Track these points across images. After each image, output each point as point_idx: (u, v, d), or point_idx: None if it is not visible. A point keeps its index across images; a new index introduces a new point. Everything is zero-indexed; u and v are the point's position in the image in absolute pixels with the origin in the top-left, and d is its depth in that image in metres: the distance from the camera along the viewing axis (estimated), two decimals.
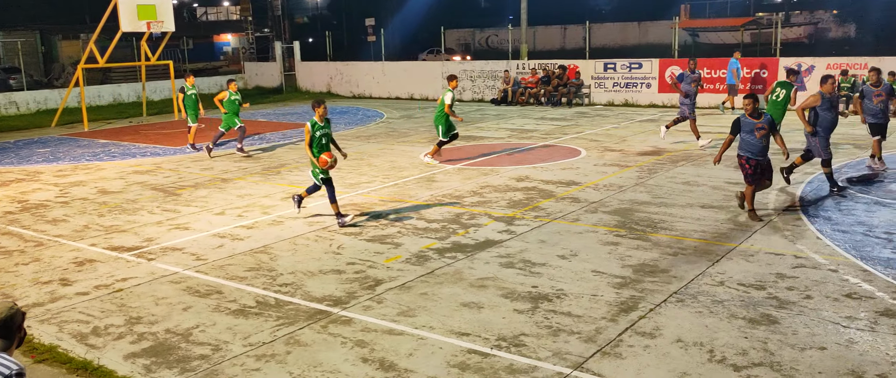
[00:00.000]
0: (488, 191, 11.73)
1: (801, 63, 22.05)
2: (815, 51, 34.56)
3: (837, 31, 52.11)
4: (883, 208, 9.90)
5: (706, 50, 43.09)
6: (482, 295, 7.16)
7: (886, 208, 9.90)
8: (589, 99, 25.27)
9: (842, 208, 9.98)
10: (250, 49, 40.58)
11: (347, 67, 32.16)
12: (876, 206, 10.09)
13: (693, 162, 13.72)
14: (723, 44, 47.29)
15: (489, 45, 59.14)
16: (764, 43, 38.16)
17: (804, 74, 21.86)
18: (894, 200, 10.36)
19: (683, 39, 42.20)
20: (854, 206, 10.08)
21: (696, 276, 7.49)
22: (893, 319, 6.25)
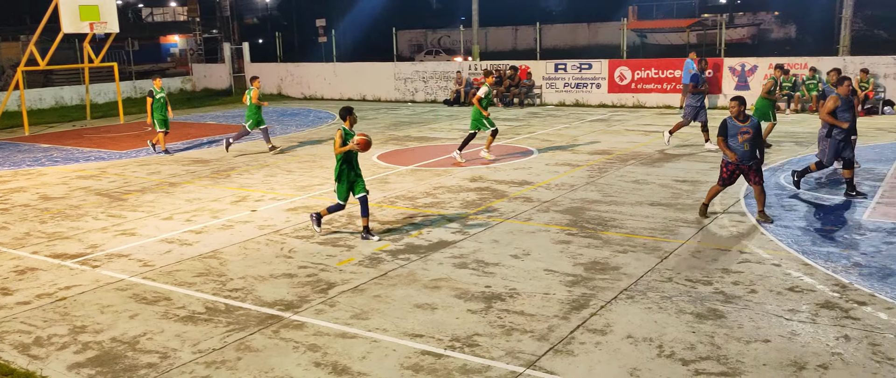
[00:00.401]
0: (442, 191, 11.75)
1: (744, 63, 22.62)
2: (758, 51, 35.51)
3: (779, 32, 53.67)
4: (823, 203, 10.22)
5: (654, 51, 43.88)
6: (436, 296, 7.17)
7: (827, 204, 10.21)
8: (540, 99, 25.51)
9: (784, 204, 10.27)
10: (198, 50, 39.88)
11: (298, 68, 31.85)
12: (817, 202, 10.41)
13: (642, 161, 13.96)
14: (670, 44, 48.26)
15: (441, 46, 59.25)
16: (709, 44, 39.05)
17: (748, 74, 22.44)
18: (834, 196, 10.70)
19: (632, 40, 42.92)
20: (796, 202, 10.38)
21: (646, 272, 7.62)
22: (833, 311, 6.45)
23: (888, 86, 20.25)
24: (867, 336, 5.93)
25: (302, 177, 13.41)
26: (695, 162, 13.67)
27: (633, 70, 24.01)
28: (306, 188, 12.39)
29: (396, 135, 18.80)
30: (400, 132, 19.23)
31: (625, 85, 24.08)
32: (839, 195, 10.70)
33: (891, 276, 7.25)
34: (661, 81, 23.52)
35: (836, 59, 21.38)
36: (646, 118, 20.83)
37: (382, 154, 15.76)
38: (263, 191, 12.33)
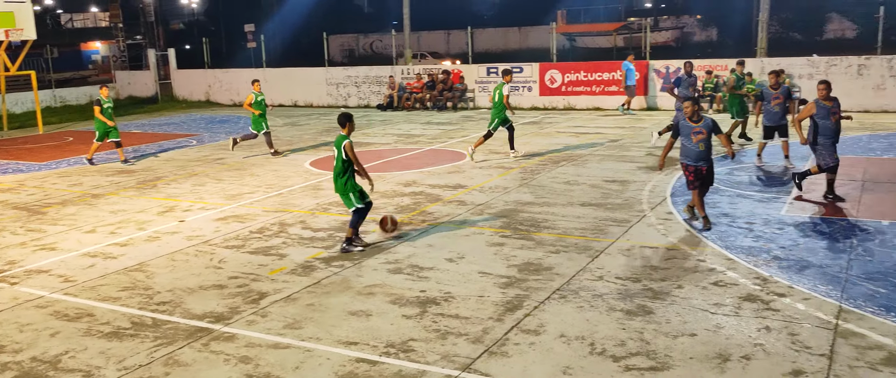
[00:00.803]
0: (375, 197, 11.65)
1: (668, 65, 23.29)
2: (681, 54, 36.60)
3: (701, 35, 55.47)
4: (744, 200, 10.60)
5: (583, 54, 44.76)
6: (370, 302, 7.12)
7: (747, 200, 10.60)
8: (473, 103, 25.68)
9: (707, 201, 10.59)
10: (122, 57, 38.65)
11: (227, 75, 31.22)
12: (738, 198, 10.78)
13: (573, 162, 14.20)
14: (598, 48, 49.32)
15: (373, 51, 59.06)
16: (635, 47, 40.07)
17: (672, 76, 23.10)
18: (754, 193, 11.11)
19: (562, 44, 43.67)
20: (719, 199, 10.73)
21: (578, 272, 7.75)
22: (755, 304, 6.69)
23: (802, 85, 21.17)
24: (787, 326, 6.18)
25: (231, 185, 13.14)
26: (623, 162, 13.99)
27: (563, 73, 24.42)
28: (236, 197, 12.15)
29: (329, 140, 18.61)
30: (333, 138, 19.04)
31: (555, 88, 24.46)
32: (761, 192, 11.10)
33: (808, 269, 7.57)
34: (591, 84, 23.99)
35: (755, 61, 22.22)
36: (576, 120, 21.20)
37: (315, 160, 15.59)
38: (192, 200, 12.02)
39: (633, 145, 16.04)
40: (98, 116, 15.81)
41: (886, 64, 20.46)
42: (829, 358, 5.58)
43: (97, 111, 15.91)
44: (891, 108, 19.99)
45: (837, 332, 6.01)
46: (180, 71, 32.63)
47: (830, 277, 7.28)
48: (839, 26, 51.01)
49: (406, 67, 27.49)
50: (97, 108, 15.95)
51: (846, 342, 5.83)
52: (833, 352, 5.68)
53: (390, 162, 15.09)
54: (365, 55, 58.36)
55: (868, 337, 5.90)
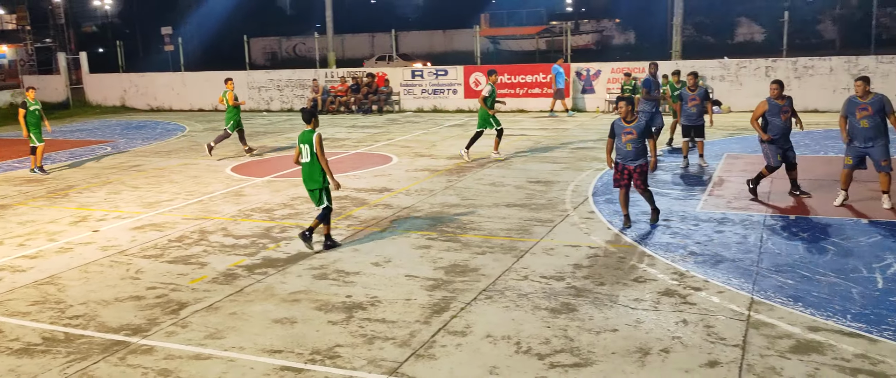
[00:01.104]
0: (299, 202, 11.52)
1: (589, 68, 23.83)
2: (601, 56, 37.55)
3: (620, 38, 57.09)
4: (660, 197, 10.92)
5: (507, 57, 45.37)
6: (295, 309, 7.01)
7: (663, 197, 10.93)
8: (399, 106, 25.65)
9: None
10: (30, 61, 36.90)
11: (143, 79, 30.22)
12: (656, 196, 11.08)
13: (498, 164, 14.35)
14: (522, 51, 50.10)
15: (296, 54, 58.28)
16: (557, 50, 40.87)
17: (593, 78, 23.66)
18: (671, 190, 11.47)
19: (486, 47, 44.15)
20: (638, 197, 11.01)
21: (503, 272, 7.83)
22: (673, 298, 6.91)
23: (715, 87, 22.02)
24: (703, 319, 6.40)
25: (149, 192, 12.72)
26: (547, 163, 14.23)
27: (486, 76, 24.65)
28: (154, 205, 11.76)
29: (251, 145, 18.23)
30: (255, 142, 18.68)
31: (479, 90, 24.66)
32: (678, 190, 11.48)
33: (721, 263, 7.87)
34: (515, 86, 24.31)
35: (671, 63, 22.98)
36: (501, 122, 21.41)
37: (237, 166, 15.25)
38: (106, 209, 11.57)
39: (556, 146, 16.33)
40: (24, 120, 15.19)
41: (792, 65, 21.50)
42: (742, 348, 5.81)
43: (21, 115, 15.24)
44: (797, 107, 20.99)
45: (749, 323, 6.27)
46: (93, 75, 31.39)
47: (743, 271, 7.59)
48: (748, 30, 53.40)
49: (330, 70, 27.23)
50: (22, 111, 15.28)
51: (758, 332, 6.08)
52: (746, 342, 5.91)
53: None
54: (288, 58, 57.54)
55: (778, 326, 6.18)
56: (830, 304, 6.61)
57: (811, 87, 21.06)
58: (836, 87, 20.69)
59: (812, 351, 5.70)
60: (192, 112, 28.42)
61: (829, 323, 6.19)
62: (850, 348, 5.72)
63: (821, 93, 20.94)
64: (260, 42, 59.30)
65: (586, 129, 19.39)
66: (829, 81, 20.87)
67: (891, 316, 6.28)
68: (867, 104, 9.60)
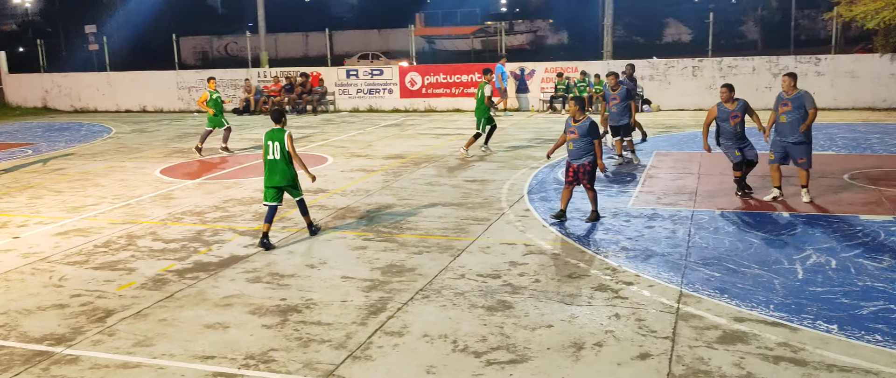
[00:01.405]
0: (232, 204, 11.29)
1: (523, 67, 24.11)
2: (535, 56, 38.02)
3: (554, 38, 57.97)
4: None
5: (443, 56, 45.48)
6: (228, 314, 6.86)
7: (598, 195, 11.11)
8: (334, 106, 25.43)
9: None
10: None
11: (66, 79, 29.11)
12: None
13: (434, 163, 14.38)
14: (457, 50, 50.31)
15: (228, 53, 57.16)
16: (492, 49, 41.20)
17: (527, 77, 23.94)
18: (604, 188, 11.68)
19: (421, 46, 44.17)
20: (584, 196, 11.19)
21: (440, 271, 7.85)
22: (606, 293, 7.05)
23: (645, 86, 22.57)
24: (634, 312, 6.55)
25: (73, 197, 12.26)
26: (483, 162, 14.33)
27: (423, 75, 24.68)
28: (78, 209, 11.34)
29: (181, 147, 17.81)
30: (185, 144, 18.24)
31: (416, 90, 24.69)
32: (610, 187, 11.70)
33: (652, 257, 8.07)
34: (451, 86, 24.40)
35: (602, 63, 23.46)
36: (437, 122, 21.50)
37: (166, 168, 14.84)
38: (27, 215, 11.10)
39: (492, 145, 16.45)
40: (206, 110, 15.63)
41: (717, 65, 22.23)
42: (671, 340, 5.97)
43: (202, 104, 15.71)
44: None
45: (679, 316, 6.44)
46: (13, 75, 30.06)
47: (672, 264, 7.80)
48: (676, 31, 54.98)
49: (263, 70, 26.78)
50: (203, 97, 15.46)
51: (687, 324, 6.26)
52: (675, 334, 6.08)
53: (248, 167, 14.64)
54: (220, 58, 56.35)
55: (705, 318, 6.37)
56: (754, 295, 6.85)
57: (736, 86, 21.76)
58: (759, 85, 21.48)
59: (738, 341, 5.90)
60: (118, 113, 27.55)
61: (754, 313, 6.42)
62: (773, 337, 5.94)
63: (744, 92, 21.58)
64: (190, 41, 57.88)
65: (522, 127, 19.61)
66: (752, 80, 21.66)
67: (810, 305, 6.56)
68: (789, 100, 10.01)
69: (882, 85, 20.66)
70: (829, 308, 6.47)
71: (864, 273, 7.31)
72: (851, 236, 8.56)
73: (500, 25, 32.40)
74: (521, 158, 14.58)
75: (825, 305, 6.53)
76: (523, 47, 52.35)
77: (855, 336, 5.90)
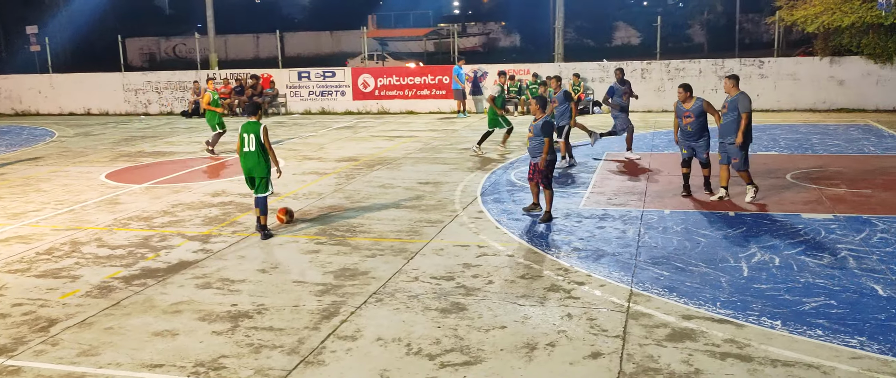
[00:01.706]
0: (181, 209, 11.08)
1: (476, 69, 24.22)
2: (488, 58, 38.24)
3: (506, 41, 58.34)
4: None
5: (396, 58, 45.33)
6: (177, 321, 6.72)
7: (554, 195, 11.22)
8: (285, 108, 25.16)
9: (515, 199, 11.15)
10: None
11: (6, 81, 28.20)
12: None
13: (388, 165, 14.33)
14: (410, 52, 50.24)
15: (177, 55, 56.06)
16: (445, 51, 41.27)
17: (480, 80, 24.05)
18: (556, 189, 11.78)
19: (374, 48, 44.00)
20: (525, 196, 11.30)
21: (394, 274, 7.82)
22: (558, 294, 7.12)
23: (596, 88, 22.90)
24: (586, 312, 6.63)
25: (13, 203, 11.87)
26: (437, 164, 14.34)
27: (375, 77, 24.60)
28: (19, 216, 10.98)
29: (128, 151, 17.40)
30: (132, 148, 17.84)
31: (368, 92, 24.59)
32: (561, 188, 11.82)
33: (603, 257, 8.18)
34: (403, 88, 24.36)
35: (553, 65, 23.72)
36: (390, 124, 21.44)
37: (111, 172, 14.48)
38: None
39: (445, 147, 16.48)
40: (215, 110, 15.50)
41: (665, 68, 22.67)
42: (622, 338, 6.06)
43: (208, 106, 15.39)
44: (670, 107, 22.16)
45: (629, 315, 6.55)
46: None
47: (622, 264, 7.92)
48: (626, 34, 55.86)
49: (212, 72, 26.34)
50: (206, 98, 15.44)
51: (637, 323, 6.37)
52: (626, 332, 6.18)
53: (196, 171, 14.38)
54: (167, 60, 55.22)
55: (654, 316, 6.49)
56: (702, 293, 7.00)
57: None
58: (705, 87, 21.97)
59: (686, 338, 6.02)
60: (62, 116, 26.79)
61: (701, 311, 6.57)
62: (720, 334, 6.08)
63: None
64: (137, 42, 56.59)
65: (475, 130, 19.68)
66: (699, 82, 22.13)
67: (755, 302, 6.73)
68: (727, 102, 10.33)
69: (822, 87, 21.34)
70: (772, 304, 6.66)
71: (805, 270, 7.54)
72: (794, 235, 8.82)
73: (452, 28, 32.49)
74: (474, 160, 14.64)
75: (769, 302, 6.71)
76: (476, 49, 52.55)
77: (797, 331, 6.08)
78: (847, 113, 20.71)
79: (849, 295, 6.82)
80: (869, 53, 20.69)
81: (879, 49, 20.49)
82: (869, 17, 19.72)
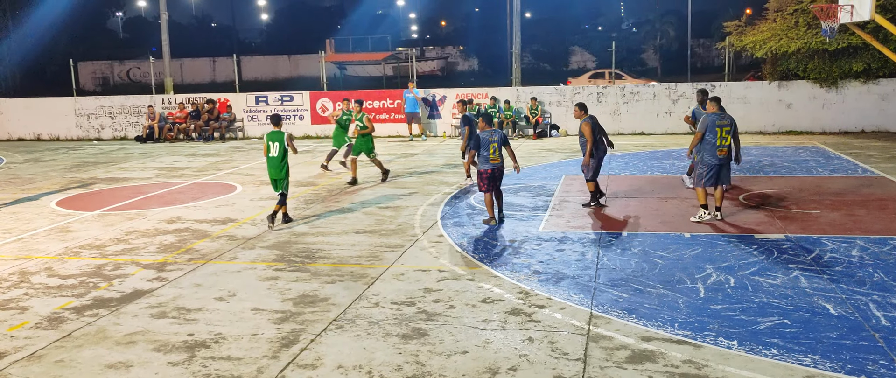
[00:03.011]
0: (135, 236, 10.84)
1: (434, 94, 24.34)
2: (446, 82, 38.47)
3: (464, 65, 58.84)
4: (507, 220, 11.29)
5: (355, 82, 45.36)
6: (131, 352, 6.55)
7: (509, 220, 11.30)
8: (243, 133, 24.91)
9: (475, 223, 11.18)
10: None
11: None
12: (497, 216, 11.46)
13: (347, 190, 14.26)
14: (369, 76, 50.33)
15: (131, 79, 55.23)
16: (404, 75, 41.41)
17: (439, 103, 24.18)
18: (515, 212, 11.88)
19: (332, 72, 43.98)
20: (482, 221, 11.33)
21: (354, 300, 7.76)
22: (519, 317, 7.14)
23: (553, 112, 23.19)
24: (547, 335, 6.66)
25: None
26: (396, 188, 14.31)
27: (334, 101, 24.52)
28: None
29: (80, 177, 17.01)
30: (84, 174, 17.44)
31: (327, 116, 24.49)
32: (520, 211, 11.90)
33: (563, 280, 8.24)
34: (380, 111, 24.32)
35: (511, 89, 23.97)
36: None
37: (62, 200, 14.12)
38: None
39: (405, 171, 16.48)
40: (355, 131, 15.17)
41: (620, 92, 23.08)
42: (583, 361, 6.09)
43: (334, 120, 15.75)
44: (625, 130, 22.56)
45: (589, 337, 6.59)
46: None
47: (582, 287, 7.98)
48: (582, 58, 56.84)
49: (168, 96, 25.98)
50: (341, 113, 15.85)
51: (597, 345, 6.41)
52: (586, 355, 6.21)
53: (151, 198, 14.11)
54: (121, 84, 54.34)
55: (615, 338, 6.54)
56: (660, 314, 7.09)
57: (637, 111, 22.69)
58: (659, 111, 22.43)
59: (646, 360, 6.08)
60: (10, 142, 26.09)
61: (660, 332, 6.64)
62: (679, 355, 6.16)
63: (646, 117, 22.63)
64: (89, 66, 55.59)
65: (433, 153, 19.74)
66: (653, 106, 22.59)
67: (712, 322, 6.84)
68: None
69: (771, 110, 21.95)
70: (729, 325, 6.77)
71: (759, 290, 7.69)
72: (747, 255, 9.01)
73: (411, 51, 32.66)
74: (434, 184, 14.65)
75: (726, 322, 6.83)
76: (434, 73, 52.90)
77: (753, 351, 6.19)
78: (795, 135, 21.32)
79: (801, 314, 6.98)
80: (815, 78, 21.37)
81: (824, 73, 21.18)
82: (814, 42, 20.40)
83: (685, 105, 21.94)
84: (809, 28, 20.67)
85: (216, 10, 78.05)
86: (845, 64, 20.83)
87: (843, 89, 21.34)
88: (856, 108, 21.31)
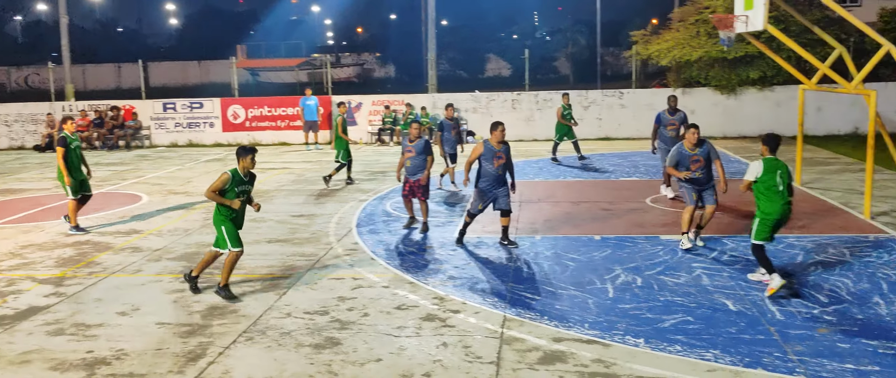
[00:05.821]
0: (31, 250, 10.28)
1: (350, 100, 24.15)
2: (363, 89, 38.24)
3: (380, 72, 58.67)
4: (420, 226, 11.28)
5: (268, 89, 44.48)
6: (25, 372, 6.19)
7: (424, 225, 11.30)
8: (150, 141, 24.04)
9: (391, 229, 11.13)
10: None
11: None
12: (416, 224, 11.45)
13: (260, 198, 13.92)
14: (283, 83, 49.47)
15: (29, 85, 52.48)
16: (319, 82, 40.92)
17: (354, 110, 24.00)
18: (431, 219, 11.88)
19: (245, 78, 43.03)
20: (401, 226, 11.30)
21: (265, 311, 7.58)
22: (433, 323, 7.14)
23: (469, 118, 23.39)
24: (461, 340, 6.68)
25: None
26: (310, 196, 14.10)
27: (246, 108, 24.00)
28: None
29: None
30: None
31: (239, 123, 23.93)
32: (435, 218, 11.91)
33: (477, 285, 8.30)
34: (275, 119, 23.89)
35: (427, 96, 24.04)
36: (262, 155, 20.84)
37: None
38: None
39: (319, 179, 16.25)
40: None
41: (534, 98, 23.50)
42: (496, 364, 6.15)
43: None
44: (540, 136, 22.96)
45: (503, 340, 6.66)
46: None
47: (496, 291, 8.06)
48: (497, 66, 57.57)
49: (68, 104, 24.80)
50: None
51: (510, 348, 6.48)
52: (500, 358, 6.27)
53: (50, 209, 13.41)
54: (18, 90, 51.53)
55: (527, 340, 6.63)
56: (571, 315, 7.23)
57: (551, 118, 23.14)
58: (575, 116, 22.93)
59: (557, 360, 6.19)
60: None
61: (571, 333, 6.77)
62: (588, 354, 6.29)
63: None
64: None
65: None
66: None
67: (620, 322, 7.02)
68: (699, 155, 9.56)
69: None
70: (636, 323, 6.97)
71: (665, 289, 7.96)
72: (653, 255, 9.31)
73: (326, 58, 32.30)
74: (349, 191, 14.51)
75: (633, 321, 7.03)
76: (350, 80, 52.50)
77: (659, 348, 6.39)
78: None
79: (703, 311, 7.26)
80: (715, 85, 22.35)
81: (724, 81, 22.18)
82: (714, 51, 21.34)
83: (596, 111, 22.55)
84: (710, 37, 21.60)
85: (122, 14, 75.14)
86: (743, 72, 21.88)
87: (741, 96, 22.40)
88: (753, 114, 22.39)
